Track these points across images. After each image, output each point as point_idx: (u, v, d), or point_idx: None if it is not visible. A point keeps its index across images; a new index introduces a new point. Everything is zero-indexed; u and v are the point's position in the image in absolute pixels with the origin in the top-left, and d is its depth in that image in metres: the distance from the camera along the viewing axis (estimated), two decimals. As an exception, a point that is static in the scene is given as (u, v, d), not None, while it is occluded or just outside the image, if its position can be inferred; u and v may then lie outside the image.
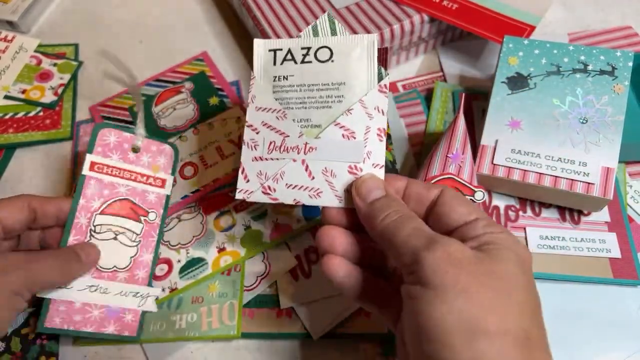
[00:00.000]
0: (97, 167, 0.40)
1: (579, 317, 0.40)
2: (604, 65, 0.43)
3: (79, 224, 0.39)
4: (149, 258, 0.41)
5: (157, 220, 0.42)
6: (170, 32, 0.60)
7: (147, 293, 0.40)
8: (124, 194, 0.41)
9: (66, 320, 0.37)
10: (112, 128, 0.42)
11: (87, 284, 0.38)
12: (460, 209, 0.29)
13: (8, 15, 0.59)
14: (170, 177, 0.44)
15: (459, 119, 0.41)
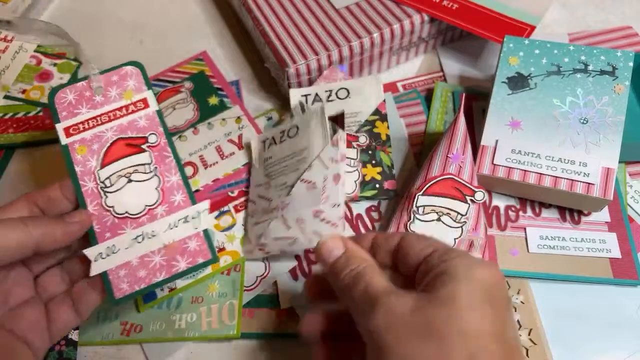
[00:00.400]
0: (72, 129, 0.38)
1: (579, 317, 0.40)
2: (604, 65, 0.43)
3: (88, 190, 0.36)
4: (177, 179, 0.37)
5: (161, 139, 0.38)
6: (170, 32, 0.60)
7: (195, 212, 0.36)
8: (112, 137, 0.38)
9: (133, 281, 0.35)
10: (64, 87, 0.39)
11: (130, 237, 0.35)
12: (418, 245, 0.29)
13: (8, 15, 0.59)
14: (148, 92, 0.39)
15: (459, 119, 0.41)
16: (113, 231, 0.36)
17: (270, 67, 0.52)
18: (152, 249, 0.35)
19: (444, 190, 0.40)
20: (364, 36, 0.49)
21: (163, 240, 0.35)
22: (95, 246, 0.35)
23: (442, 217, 0.40)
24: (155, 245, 0.35)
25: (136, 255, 0.35)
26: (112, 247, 0.35)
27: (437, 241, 0.30)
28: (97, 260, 0.35)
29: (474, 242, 0.40)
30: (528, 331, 0.39)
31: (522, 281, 0.41)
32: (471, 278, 0.25)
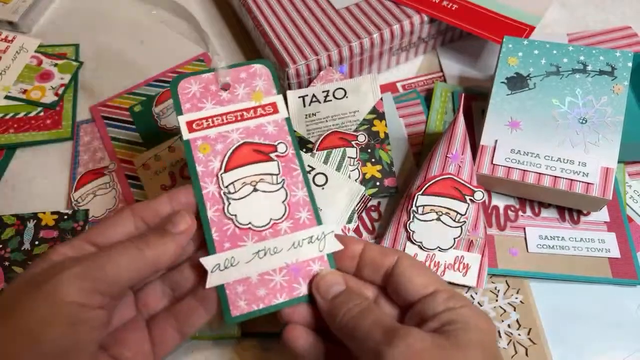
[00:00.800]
0: (195, 124, 0.35)
1: (579, 317, 0.40)
2: (603, 65, 0.43)
3: (209, 193, 0.33)
4: (304, 194, 0.34)
5: (289, 150, 0.35)
6: (171, 32, 0.60)
7: (322, 233, 0.33)
8: (239, 139, 0.35)
9: (251, 299, 0.31)
10: (189, 77, 0.35)
11: (251, 251, 0.32)
12: (418, 279, 0.29)
13: (8, 15, 0.59)
14: (278, 96, 0.36)
15: (459, 119, 0.41)
16: (233, 242, 0.32)
17: (270, 67, 0.52)
18: (273, 266, 0.32)
19: (443, 190, 0.40)
20: (363, 37, 0.49)
21: (285, 259, 0.32)
22: (213, 255, 0.32)
23: (442, 217, 0.40)
24: (277, 263, 0.32)
25: (256, 271, 0.32)
26: (231, 259, 0.32)
27: (436, 278, 0.30)
28: (214, 272, 0.31)
29: (474, 241, 0.40)
30: (527, 331, 0.39)
31: (522, 281, 0.42)
32: (479, 328, 0.27)
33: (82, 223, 0.46)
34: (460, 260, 0.40)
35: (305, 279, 0.32)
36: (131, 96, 0.54)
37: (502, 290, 0.41)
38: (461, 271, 0.40)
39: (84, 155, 0.50)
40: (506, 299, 0.41)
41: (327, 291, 0.31)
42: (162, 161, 0.48)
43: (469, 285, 0.40)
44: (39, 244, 0.45)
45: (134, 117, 0.52)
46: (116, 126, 0.52)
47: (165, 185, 0.47)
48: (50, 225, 0.46)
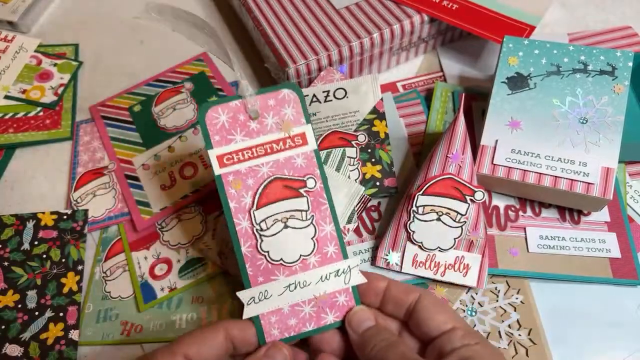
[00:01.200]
0: (225, 159, 0.34)
1: (579, 317, 0.40)
2: (604, 65, 0.43)
3: (242, 230, 0.34)
4: (331, 229, 0.35)
5: (318, 184, 0.35)
6: (171, 32, 0.60)
7: (347, 267, 0.35)
8: (270, 174, 0.35)
9: (283, 328, 0.34)
10: (216, 105, 0.35)
11: (283, 285, 0.34)
12: (438, 317, 0.32)
13: (8, 15, 0.59)
14: (307, 126, 0.36)
15: (459, 119, 0.41)
16: (266, 276, 0.34)
17: (270, 67, 0.52)
18: (303, 298, 0.34)
19: (443, 190, 0.40)
20: (364, 36, 0.49)
21: (314, 292, 0.34)
22: (248, 289, 0.34)
23: (442, 217, 0.40)
24: (307, 296, 0.34)
25: (287, 303, 0.34)
26: (264, 292, 0.34)
27: (454, 315, 0.33)
28: (250, 304, 0.34)
29: (474, 241, 0.40)
30: (528, 331, 0.39)
31: (522, 281, 0.42)
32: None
33: (81, 223, 0.46)
34: (460, 260, 0.40)
35: (332, 309, 0.35)
36: (131, 96, 0.54)
37: (503, 291, 0.41)
38: (461, 271, 0.40)
39: (84, 155, 0.50)
40: (506, 299, 0.41)
41: (358, 326, 0.33)
42: (161, 161, 0.48)
43: (470, 285, 0.40)
44: (38, 244, 0.44)
45: (134, 117, 0.52)
46: (116, 126, 0.52)
47: (165, 185, 0.47)
48: (50, 225, 0.46)
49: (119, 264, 0.44)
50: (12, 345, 0.40)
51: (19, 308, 0.41)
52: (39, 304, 0.42)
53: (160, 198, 0.46)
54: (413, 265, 0.41)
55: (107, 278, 0.43)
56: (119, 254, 0.44)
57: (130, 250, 0.44)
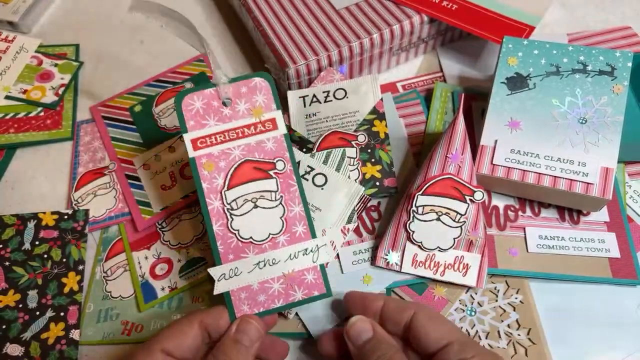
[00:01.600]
0: (199, 142, 0.36)
1: (579, 317, 0.40)
2: (603, 65, 0.43)
3: (214, 209, 0.36)
4: (300, 209, 0.37)
5: (287, 167, 0.37)
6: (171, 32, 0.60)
7: (315, 246, 0.37)
8: (241, 157, 0.37)
9: (253, 304, 0.36)
10: (191, 92, 0.37)
11: (252, 262, 0.36)
12: (433, 334, 0.33)
13: (9, 15, 0.59)
14: (277, 112, 0.37)
15: (459, 119, 0.41)
16: (236, 254, 0.36)
17: (270, 67, 0.52)
18: (272, 276, 0.36)
19: (443, 190, 0.40)
20: (363, 37, 0.49)
21: (283, 269, 0.36)
22: (219, 266, 0.36)
23: (442, 217, 0.40)
24: (276, 273, 0.36)
25: (257, 280, 0.36)
26: (235, 269, 0.36)
27: (452, 328, 0.33)
28: (221, 280, 0.35)
29: (474, 241, 0.40)
30: (527, 331, 0.39)
31: (522, 281, 0.42)
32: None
33: (82, 223, 0.46)
34: (460, 260, 0.40)
35: (300, 286, 0.36)
36: (131, 96, 0.54)
37: (502, 290, 0.41)
38: (461, 271, 0.40)
39: (84, 155, 0.51)
40: (506, 299, 0.41)
41: (357, 337, 0.34)
42: (162, 161, 0.48)
43: (469, 285, 0.40)
44: (39, 244, 0.45)
45: (134, 117, 0.52)
46: (116, 126, 0.52)
47: (166, 185, 0.47)
48: (51, 225, 0.46)
49: (120, 264, 0.44)
50: (13, 344, 0.40)
51: (19, 308, 0.41)
52: (39, 303, 0.42)
53: (160, 198, 0.46)
54: (413, 265, 0.41)
55: (108, 278, 0.43)
56: (119, 254, 0.45)
57: (130, 250, 0.44)
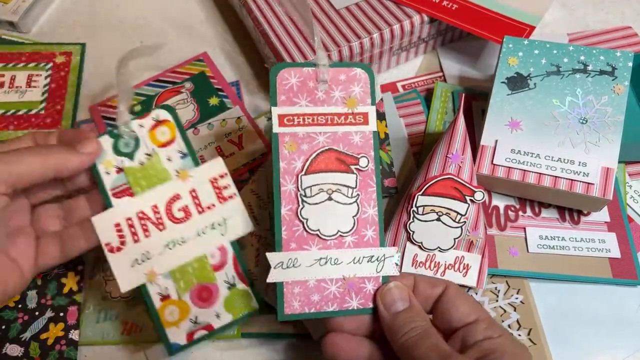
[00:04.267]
0: (286, 119, 0.35)
1: (579, 317, 0.40)
2: (603, 65, 0.43)
3: (286, 191, 0.34)
4: (374, 213, 0.35)
5: (370, 165, 0.35)
6: (171, 32, 0.60)
7: (382, 255, 0.34)
8: (325, 144, 0.35)
9: (305, 302, 0.33)
10: (290, 67, 0.35)
11: (314, 257, 0.33)
12: (461, 309, 0.32)
13: (8, 15, 0.59)
14: (371, 107, 0.36)
15: (459, 119, 0.41)
16: (299, 244, 0.34)
17: (270, 67, 0.52)
18: (331, 276, 0.34)
19: (443, 190, 0.40)
20: (364, 37, 0.49)
21: (344, 272, 0.34)
22: (279, 253, 0.33)
23: (442, 217, 0.40)
24: (336, 274, 0.34)
25: (315, 277, 0.33)
26: (294, 259, 0.33)
27: (478, 307, 0.32)
28: (277, 269, 0.33)
29: (474, 242, 0.40)
30: (527, 331, 0.39)
31: (522, 281, 0.42)
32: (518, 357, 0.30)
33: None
34: (460, 260, 0.40)
35: (358, 294, 0.34)
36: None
37: (502, 291, 0.41)
38: (461, 271, 0.40)
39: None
40: (506, 299, 0.41)
41: (391, 305, 0.32)
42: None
43: (469, 285, 0.40)
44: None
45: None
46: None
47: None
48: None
49: (119, 264, 0.44)
50: (13, 345, 0.40)
51: (19, 308, 0.41)
52: (39, 304, 0.42)
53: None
54: (413, 265, 0.41)
55: (108, 278, 0.43)
56: (119, 254, 0.44)
57: (130, 250, 0.44)
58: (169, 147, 0.37)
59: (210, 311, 0.36)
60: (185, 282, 0.36)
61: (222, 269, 0.37)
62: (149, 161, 0.37)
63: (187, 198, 0.37)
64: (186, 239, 0.36)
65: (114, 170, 0.36)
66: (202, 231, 0.36)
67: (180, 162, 0.37)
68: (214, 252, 0.37)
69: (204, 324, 0.36)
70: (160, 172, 0.37)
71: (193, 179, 0.37)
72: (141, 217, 0.36)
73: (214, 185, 0.37)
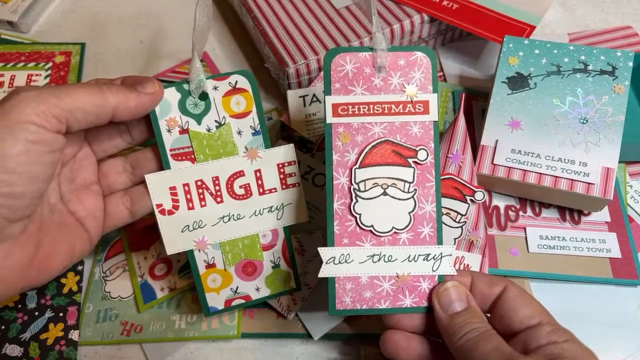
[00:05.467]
0: (340, 109, 0.33)
1: (579, 317, 0.40)
2: (604, 65, 0.43)
3: (339, 185, 0.33)
4: (432, 209, 0.33)
5: (429, 158, 0.33)
6: (170, 32, 0.60)
7: (439, 253, 0.33)
8: (381, 135, 0.33)
9: (356, 298, 0.32)
10: (345, 52, 0.33)
11: (367, 253, 0.33)
12: (523, 310, 0.30)
13: (8, 15, 0.59)
14: (433, 95, 0.33)
15: (459, 119, 0.41)
16: (351, 239, 0.33)
17: (270, 67, 0.52)
18: (384, 273, 0.33)
19: (443, 190, 0.40)
20: (363, 36, 0.49)
21: (398, 270, 0.33)
22: (331, 248, 0.33)
23: (442, 217, 0.40)
24: (389, 272, 0.33)
25: (367, 273, 0.33)
26: (346, 255, 0.33)
27: (541, 309, 0.31)
28: (329, 264, 0.32)
29: (474, 242, 0.40)
30: (528, 331, 0.39)
31: (522, 281, 0.42)
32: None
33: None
34: (460, 260, 0.40)
35: (412, 292, 0.33)
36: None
37: (503, 291, 0.41)
38: (462, 271, 0.40)
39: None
40: (507, 299, 0.41)
41: (448, 305, 0.31)
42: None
43: (470, 285, 0.40)
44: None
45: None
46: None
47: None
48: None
49: (119, 264, 0.44)
50: (12, 345, 0.40)
51: (18, 308, 0.41)
52: (38, 304, 0.42)
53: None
54: (413, 265, 0.40)
55: (107, 278, 0.43)
56: (118, 254, 0.44)
57: (130, 250, 0.44)
58: (242, 120, 0.35)
59: (251, 284, 0.37)
60: (234, 255, 0.36)
61: (271, 249, 0.37)
62: (218, 130, 0.35)
63: (250, 177, 0.36)
64: (242, 216, 0.35)
65: (177, 131, 0.35)
66: (259, 212, 0.36)
67: (251, 138, 0.35)
68: (266, 233, 0.37)
69: (243, 295, 0.37)
70: (228, 145, 0.35)
71: (261, 160, 0.36)
72: (199, 185, 0.35)
73: (280, 171, 0.36)
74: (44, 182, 0.30)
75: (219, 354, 0.40)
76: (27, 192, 0.29)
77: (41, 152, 0.29)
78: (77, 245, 0.33)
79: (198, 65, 0.34)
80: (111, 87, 0.31)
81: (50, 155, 0.29)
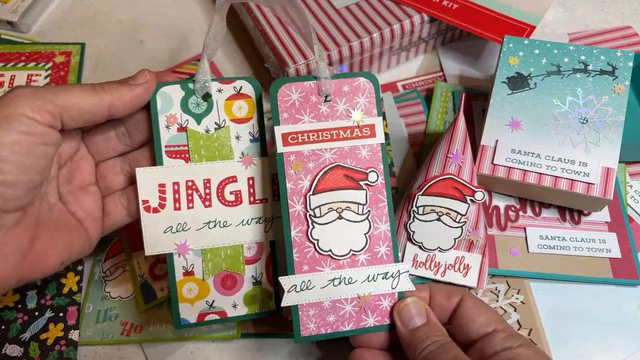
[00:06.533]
0: (290, 137, 0.34)
1: (579, 317, 0.40)
2: (604, 65, 0.43)
3: (295, 213, 0.33)
4: (386, 228, 0.34)
5: (379, 179, 0.34)
6: (170, 32, 0.60)
7: (397, 270, 0.34)
8: (332, 160, 0.34)
9: (321, 324, 0.33)
10: (290, 82, 0.34)
11: (328, 278, 0.33)
12: (479, 319, 0.32)
13: (8, 15, 0.59)
14: (378, 119, 0.34)
15: (459, 119, 0.41)
16: (311, 265, 0.33)
17: (270, 67, 0.52)
18: (346, 296, 0.33)
19: (443, 190, 0.40)
20: (364, 36, 0.49)
21: (358, 291, 0.33)
22: (292, 276, 0.33)
23: (442, 217, 0.40)
24: (350, 293, 0.33)
25: (329, 297, 0.33)
26: (307, 282, 0.33)
27: (497, 317, 0.32)
28: (291, 292, 0.33)
29: (474, 242, 0.40)
30: (528, 331, 0.39)
31: (522, 281, 0.42)
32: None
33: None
34: (460, 260, 0.40)
35: (374, 312, 0.34)
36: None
37: (503, 291, 0.41)
38: (462, 272, 0.40)
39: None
40: (507, 300, 0.41)
41: (408, 321, 0.32)
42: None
43: (470, 285, 0.40)
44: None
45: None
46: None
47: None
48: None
49: (119, 264, 0.44)
50: (12, 345, 0.40)
51: (18, 308, 0.41)
52: (38, 304, 0.42)
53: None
54: (413, 265, 0.41)
55: (107, 278, 0.43)
56: (118, 254, 0.44)
57: (130, 251, 0.44)
58: (242, 125, 0.35)
59: (228, 299, 0.36)
60: (214, 265, 0.35)
61: (254, 263, 0.36)
62: (217, 132, 0.35)
63: (243, 183, 0.35)
64: (229, 224, 0.35)
65: (175, 128, 0.34)
66: (247, 221, 0.35)
67: (249, 144, 0.35)
68: (251, 246, 0.36)
69: (218, 310, 0.36)
70: (224, 148, 0.35)
71: (255, 168, 0.35)
72: (190, 186, 0.35)
73: (274, 182, 0.36)
74: (37, 173, 0.30)
75: (219, 354, 0.40)
76: (19, 182, 0.29)
77: (33, 143, 0.29)
78: (75, 244, 0.34)
79: (206, 66, 0.34)
80: (104, 85, 0.33)
81: (42, 147, 0.30)
